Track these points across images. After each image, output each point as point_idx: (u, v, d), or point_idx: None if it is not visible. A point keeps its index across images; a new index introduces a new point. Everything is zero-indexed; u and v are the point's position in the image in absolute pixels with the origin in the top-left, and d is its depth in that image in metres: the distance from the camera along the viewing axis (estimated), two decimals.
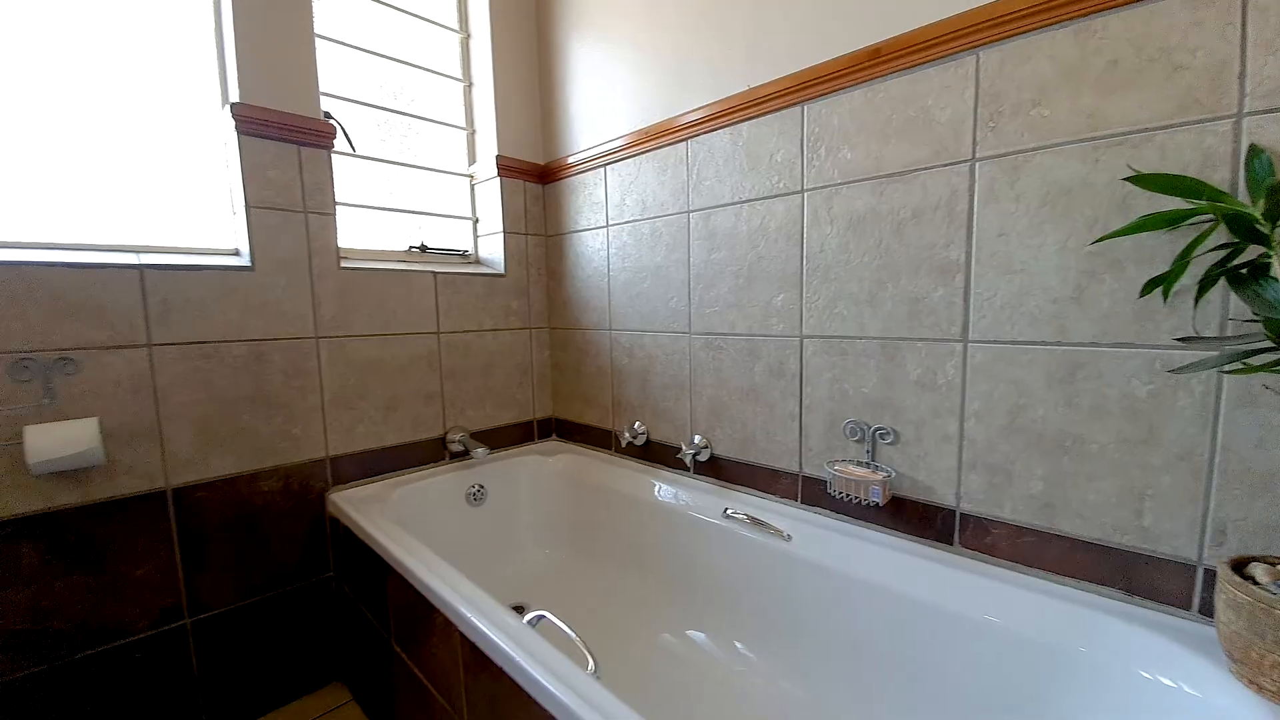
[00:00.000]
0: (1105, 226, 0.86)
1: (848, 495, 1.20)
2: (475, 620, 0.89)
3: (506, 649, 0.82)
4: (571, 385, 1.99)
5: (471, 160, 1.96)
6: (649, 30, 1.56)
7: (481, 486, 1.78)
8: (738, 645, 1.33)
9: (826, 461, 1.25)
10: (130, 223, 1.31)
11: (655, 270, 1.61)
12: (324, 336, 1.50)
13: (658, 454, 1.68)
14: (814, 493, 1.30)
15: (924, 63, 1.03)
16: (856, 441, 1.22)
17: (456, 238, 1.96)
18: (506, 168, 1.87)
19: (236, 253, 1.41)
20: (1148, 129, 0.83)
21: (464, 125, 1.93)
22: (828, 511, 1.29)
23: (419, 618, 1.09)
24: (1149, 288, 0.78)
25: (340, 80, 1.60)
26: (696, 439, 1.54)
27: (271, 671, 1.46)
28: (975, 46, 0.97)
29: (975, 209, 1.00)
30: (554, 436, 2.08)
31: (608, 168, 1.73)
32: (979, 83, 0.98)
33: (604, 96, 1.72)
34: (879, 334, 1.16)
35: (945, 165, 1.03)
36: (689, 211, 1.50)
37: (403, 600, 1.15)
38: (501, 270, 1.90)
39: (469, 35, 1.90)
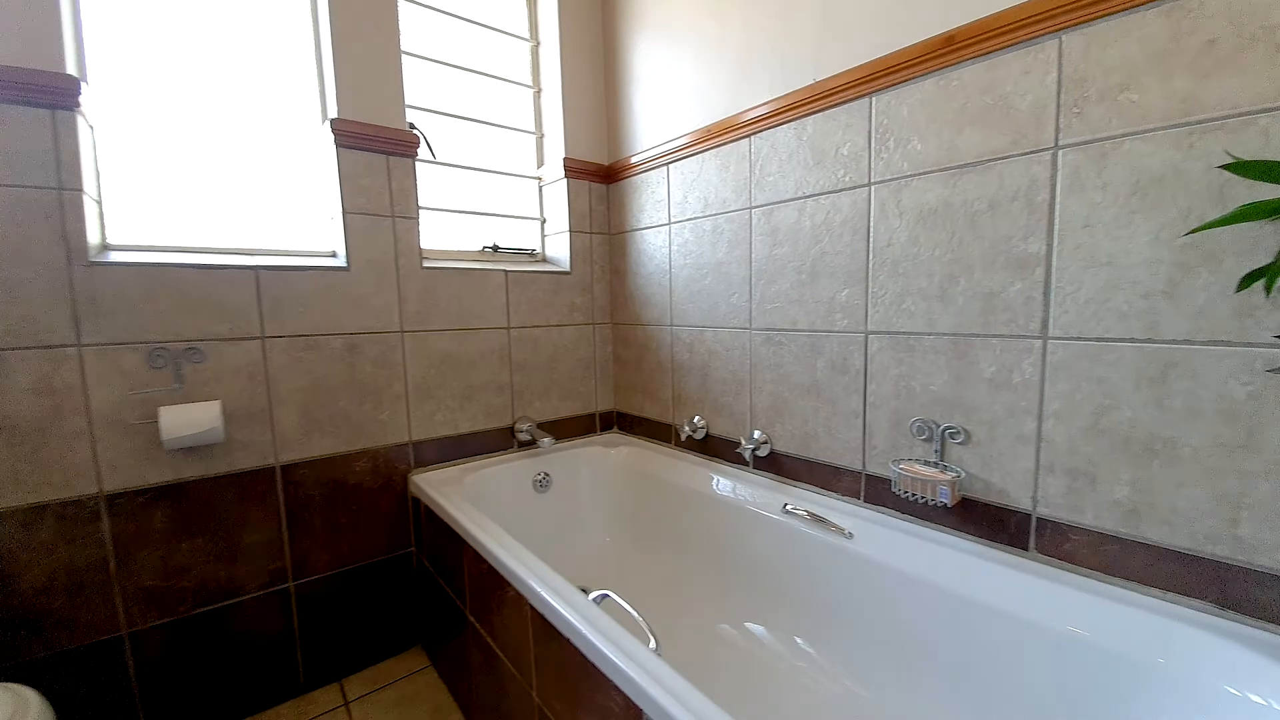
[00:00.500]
0: (1201, 217, 0.81)
1: (913, 495, 1.17)
2: (545, 595, 0.95)
3: (574, 622, 0.87)
4: (633, 379, 2.04)
5: (540, 163, 2.04)
6: (714, 28, 1.57)
7: (547, 474, 1.86)
8: (798, 640, 1.34)
9: (891, 460, 1.23)
10: (246, 228, 1.47)
11: (716, 267, 1.63)
12: (408, 331, 1.62)
13: (717, 448, 1.70)
14: (877, 492, 1.29)
15: (1002, 48, 0.99)
16: (924, 440, 1.19)
17: (525, 237, 2.05)
18: (573, 169, 1.94)
19: (334, 254, 1.55)
20: (1249, 113, 0.77)
21: (533, 129, 2.01)
22: (892, 511, 1.27)
23: (492, 591, 1.17)
24: (1248, 281, 0.73)
25: (418, 90, 1.71)
26: (756, 434, 1.55)
27: (360, 634, 1.60)
28: (1057, 30, 0.93)
29: (1058, 199, 0.96)
30: (615, 429, 2.14)
31: (670, 166, 1.76)
32: (1062, 67, 0.93)
33: (667, 96, 1.76)
34: (950, 330, 1.13)
35: (1025, 154, 0.99)
36: (751, 208, 1.51)
37: (478, 574, 1.23)
38: (567, 268, 1.98)
39: (538, 43, 1.98)
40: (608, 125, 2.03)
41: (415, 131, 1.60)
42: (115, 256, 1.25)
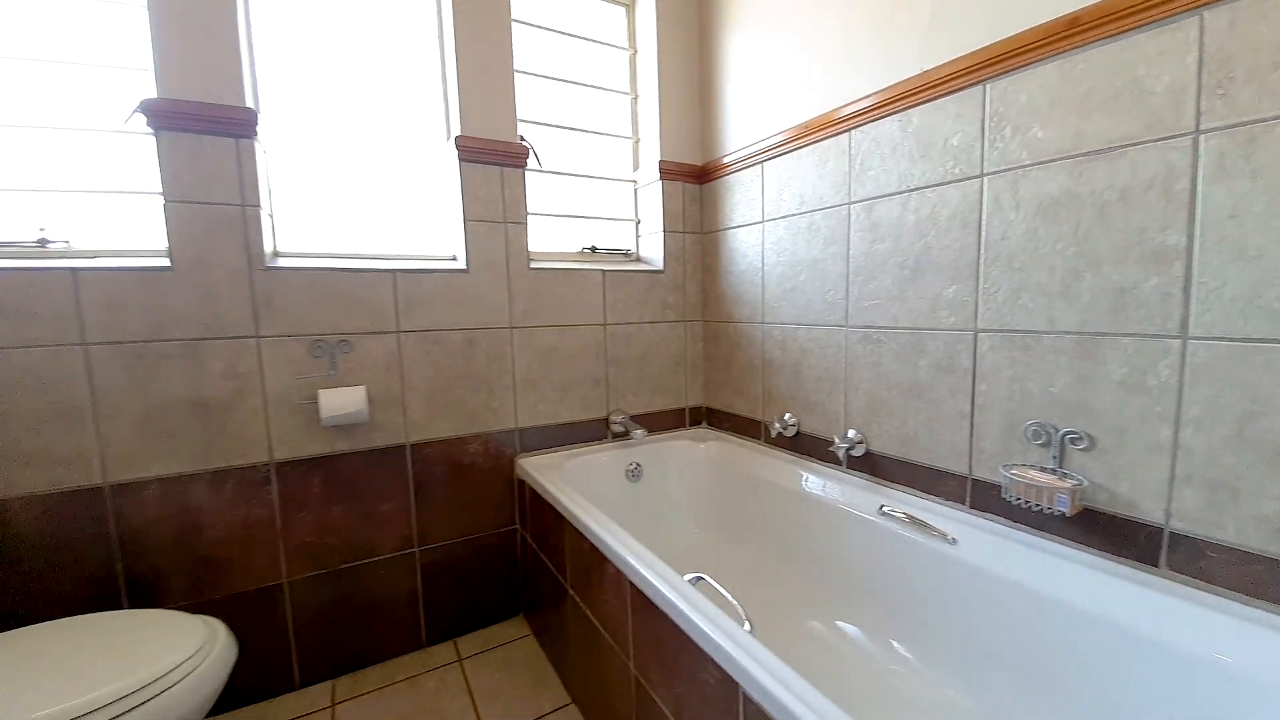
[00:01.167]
0: None
1: (1026, 502, 1.11)
2: (645, 573, 1.02)
3: (673, 599, 0.93)
4: (722, 376, 2.07)
5: (635, 166, 2.12)
6: (814, 23, 1.56)
7: (639, 465, 1.94)
8: (894, 644, 1.31)
9: (1002, 465, 1.18)
10: (384, 235, 1.67)
11: (811, 264, 1.62)
12: (516, 327, 1.77)
13: (808, 447, 1.70)
14: (985, 498, 1.23)
15: (1133, 29, 0.92)
16: (1040, 445, 1.13)
17: (620, 237, 2.14)
18: (667, 171, 2.00)
19: (454, 258, 1.72)
20: None
21: (629, 135, 2.09)
22: (1001, 518, 1.21)
23: (593, 568, 1.26)
24: None
25: (525, 102, 1.83)
26: (851, 433, 1.53)
27: (471, 601, 1.77)
28: (1198, 6, 0.85)
29: (1199, 187, 0.88)
30: (704, 424, 2.18)
31: (765, 164, 1.77)
32: (1203, 46, 0.86)
33: (762, 95, 1.77)
34: (1073, 328, 1.06)
35: (1160, 140, 0.92)
36: (850, 203, 1.49)
37: (579, 552, 1.33)
38: (660, 267, 2.04)
39: (635, 51, 2.06)
40: (702, 127, 2.07)
41: (525, 143, 1.73)
42: (283, 262, 1.48)
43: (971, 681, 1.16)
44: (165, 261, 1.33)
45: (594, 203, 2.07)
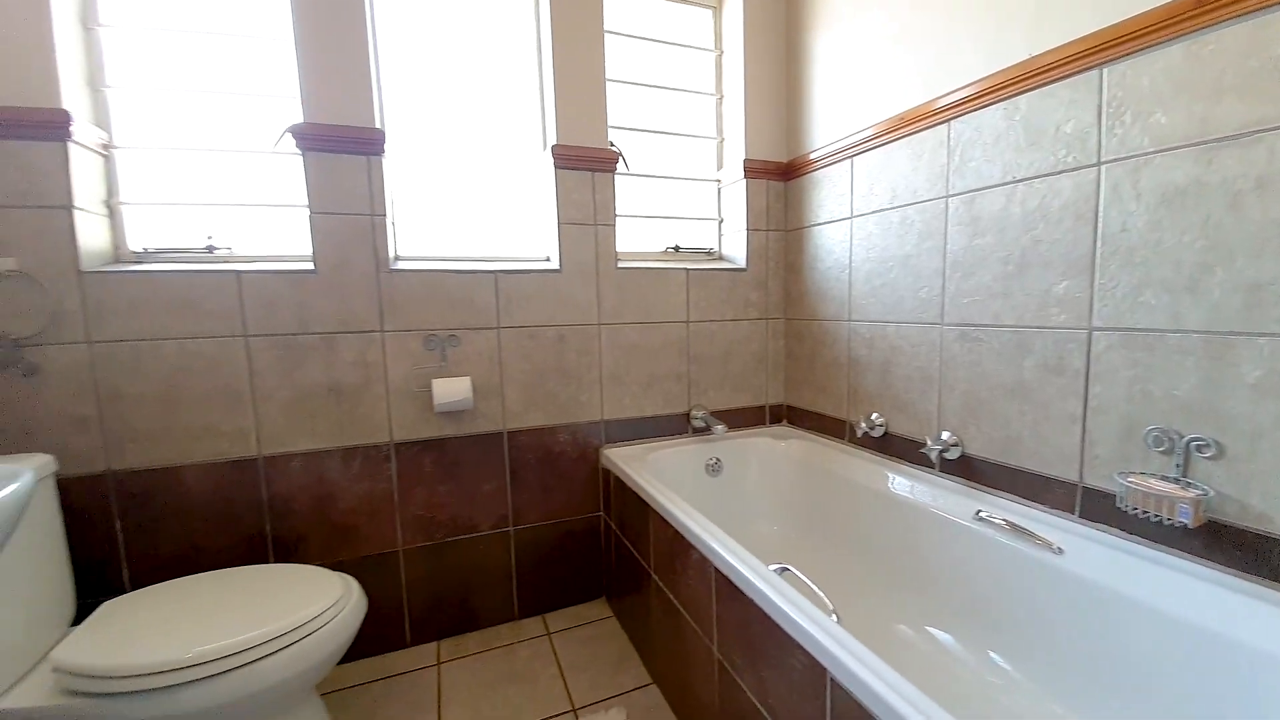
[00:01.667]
0: None
1: (1144, 512, 1.04)
2: (731, 560, 1.06)
3: (760, 586, 0.96)
4: (805, 374, 2.05)
5: (719, 165, 2.15)
6: (910, 13, 1.52)
7: (719, 460, 1.97)
8: (992, 655, 1.27)
9: (1117, 472, 1.11)
10: (485, 238, 1.82)
11: (903, 260, 1.58)
12: (604, 324, 1.86)
13: (896, 448, 1.66)
14: (1097, 507, 1.16)
15: (1271, 4, 0.84)
16: (1162, 452, 1.05)
17: (702, 236, 2.17)
18: (752, 170, 2.02)
19: (548, 259, 1.84)
20: None
21: (714, 135, 2.12)
22: (1114, 529, 1.14)
23: (677, 555, 1.31)
24: None
25: (613, 107, 1.91)
26: (945, 435, 1.48)
27: (558, 580, 1.89)
28: None
29: None
30: (785, 422, 2.17)
31: (854, 159, 1.74)
32: None
33: (852, 90, 1.74)
34: (1202, 327, 0.98)
35: None
36: (947, 196, 1.44)
37: (664, 538, 1.39)
38: (743, 265, 2.06)
39: (722, 52, 2.08)
40: (787, 124, 2.06)
41: (614, 149, 1.82)
42: (403, 265, 1.65)
43: (1078, 698, 1.10)
44: (310, 265, 1.53)
45: (677, 202, 2.12)
